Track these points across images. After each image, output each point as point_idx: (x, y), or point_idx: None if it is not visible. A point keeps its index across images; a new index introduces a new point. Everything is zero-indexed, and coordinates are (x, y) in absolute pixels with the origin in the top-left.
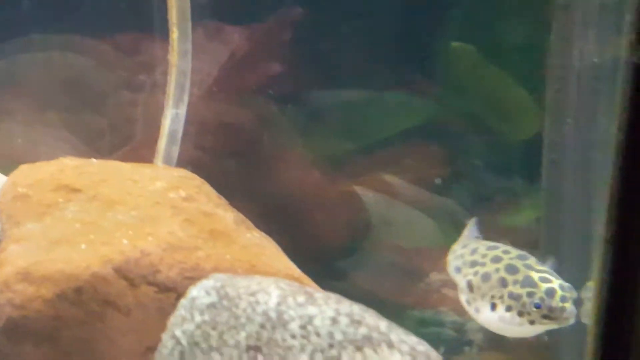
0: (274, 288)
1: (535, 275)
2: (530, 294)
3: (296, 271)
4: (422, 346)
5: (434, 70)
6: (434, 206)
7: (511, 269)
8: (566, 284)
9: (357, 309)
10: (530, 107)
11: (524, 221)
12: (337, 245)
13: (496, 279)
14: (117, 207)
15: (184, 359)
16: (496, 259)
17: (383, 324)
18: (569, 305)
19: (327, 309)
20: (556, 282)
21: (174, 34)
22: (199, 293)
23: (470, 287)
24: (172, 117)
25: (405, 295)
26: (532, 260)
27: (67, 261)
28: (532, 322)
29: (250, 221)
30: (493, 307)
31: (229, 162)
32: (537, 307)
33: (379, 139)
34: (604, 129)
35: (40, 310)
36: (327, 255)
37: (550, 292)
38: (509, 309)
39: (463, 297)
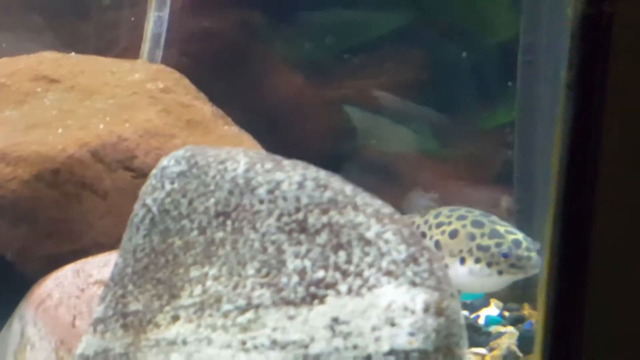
0: (242, 156)
1: (501, 228)
2: (498, 244)
3: None
4: (387, 209)
5: None
6: (412, 111)
7: (477, 224)
8: (529, 238)
9: (323, 174)
10: (507, 9)
11: (500, 124)
12: (320, 150)
13: (464, 234)
14: (94, 96)
15: (155, 226)
16: (461, 217)
17: (348, 188)
18: (534, 255)
19: (294, 174)
20: (521, 235)
21: None
22: (169, 162)
23: (439, 245)
24: (155, 20)
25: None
26: (495, 218)
27: (43, 143)
28: (500, 273)
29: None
30: (462, 261)
31: (214, 68)
32: (505, 256)
33: (359, 43)
34: None
35: (17, 190)
36: (309, 161)
37: (517, 243)
38: (477, 260)
39: None
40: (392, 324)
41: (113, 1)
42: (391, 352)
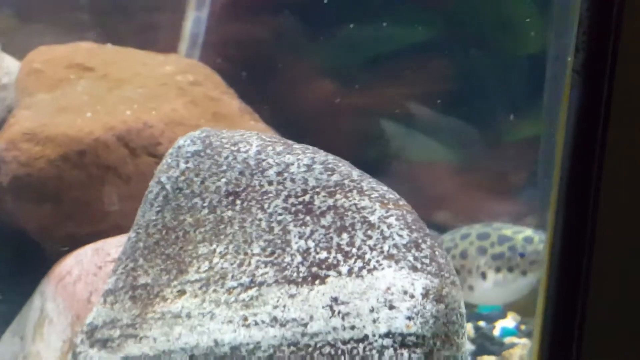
0: (255, 139)
1: (507, 231)
2: (510, 248)
3: None
4: (392, 194)
5: None
6: (439, 122)
7: (483, 236)
8: (540, 231)
9: (331, 158)
10: (536, 21)
11: (525, 137)
12: (347, 157)
13: (474, 250)
14: (125, 85)
15: (168, 203)
16: (464, 236)
17: (355, 172)
18: None
19: (304, 158)
20: (530, 231)
21: None
22: (185, 142)
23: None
24: (194, 20)
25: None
26: (498, 224)
27: (71, 125)
28: (524, 273)
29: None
30: (484, 276)
31: (248, 71)
32: (522, 255)
33: (389, 53)
34: None
35: (44, 169)
36: None
37: (528, 239)
38: (498, 270)
39: None
40: (391, 307)
41: (158, 3)
42: (388, 334)
